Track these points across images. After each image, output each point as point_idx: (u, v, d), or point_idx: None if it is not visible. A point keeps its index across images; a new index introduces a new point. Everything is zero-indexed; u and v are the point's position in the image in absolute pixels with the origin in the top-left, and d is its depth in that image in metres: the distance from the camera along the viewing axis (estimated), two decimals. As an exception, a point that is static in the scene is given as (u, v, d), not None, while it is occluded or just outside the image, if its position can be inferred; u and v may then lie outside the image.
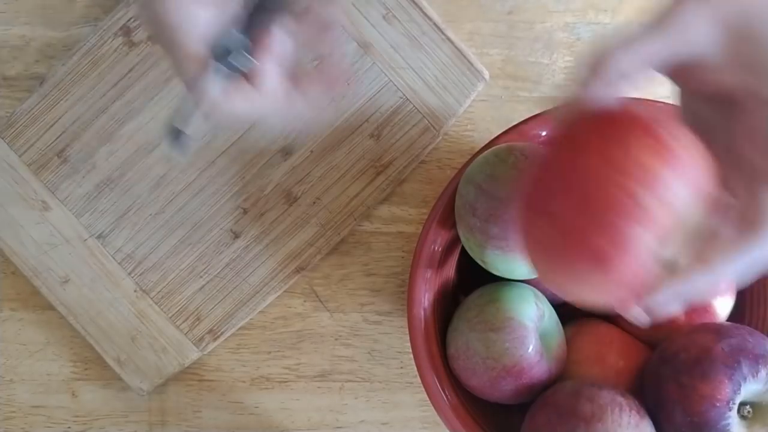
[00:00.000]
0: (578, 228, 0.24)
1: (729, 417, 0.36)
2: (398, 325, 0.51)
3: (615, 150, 0.24)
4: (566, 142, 0.25)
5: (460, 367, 0.42)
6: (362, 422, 0.51)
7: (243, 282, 0.49)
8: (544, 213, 0.25)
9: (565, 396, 0.38)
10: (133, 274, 0.49)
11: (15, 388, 0.51)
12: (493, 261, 0.38)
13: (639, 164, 0.23)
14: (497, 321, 0.40)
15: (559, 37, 0.51)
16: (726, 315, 0.43)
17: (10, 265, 0.50)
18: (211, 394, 0.51)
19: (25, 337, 0.51)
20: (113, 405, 0.51)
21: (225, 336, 0.50)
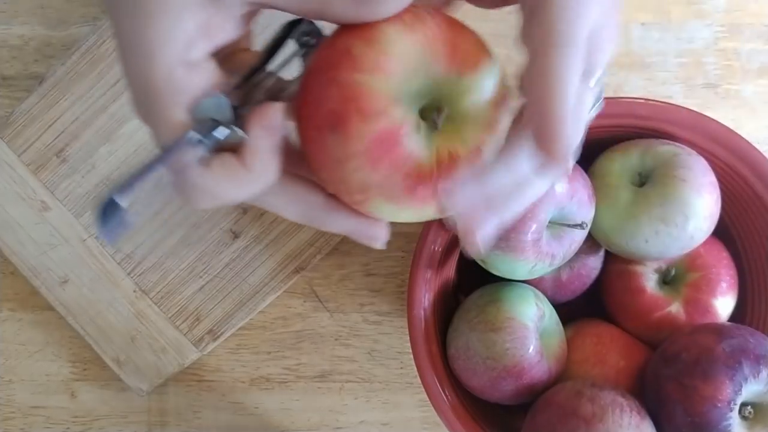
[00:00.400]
0: (318, 99, 0.24)
1: (730, 417, 0.36)
2: (398, 325, 0.51)
3: (352, 31, 0.24)
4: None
5: (460, 368, 0.41)
6: (362, 423, 0.51)
7: (243, 282, 0.49)
8: (305, 106, 0.25)
9: (565, 396, 0.38)
10: (132, 274, 0.49)
11: (14, 389, 0.51)
12: (493, 261, 0.38)
13: (353, 31, 0.24)
14: (498, 321, 0.40)
15: (559, 36, 0.51)
16: (727, 315, 0.43)
17: (9, 265, 0.49)
18: (211, 395, 0.51)
19: (24, 338, 0.51)
20: (112, 405, 0.51)
21: (225, 336, 0.50)
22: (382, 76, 0.23)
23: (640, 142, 0.41)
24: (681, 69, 0.51)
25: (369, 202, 0.25)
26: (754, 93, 0.51)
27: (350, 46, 0.24)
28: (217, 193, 0.24)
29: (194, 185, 0.24)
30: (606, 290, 0.45)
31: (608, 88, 0.51)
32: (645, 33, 0.51)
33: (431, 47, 0.24)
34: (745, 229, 0.44)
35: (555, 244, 0.37)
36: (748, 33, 0.51)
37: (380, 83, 0.23)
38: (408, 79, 0.24)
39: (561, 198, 0.36)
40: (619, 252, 0.41)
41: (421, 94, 0.24)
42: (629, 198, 0.40)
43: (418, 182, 0.24)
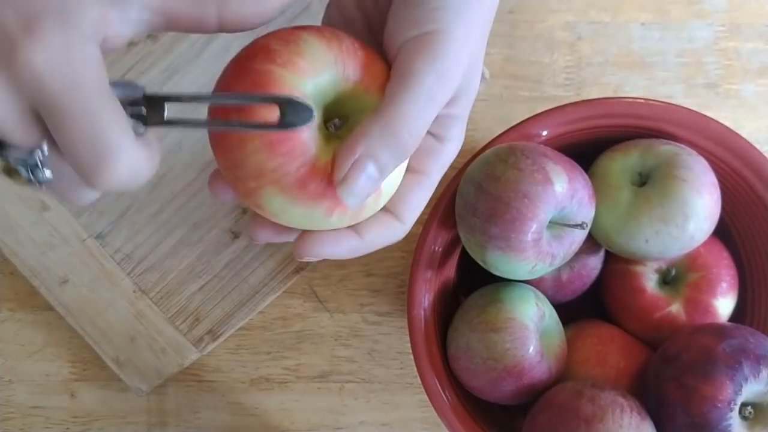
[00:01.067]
0: (230, 84, 0.26)
1: (730, 418, 0.36)
2: (398, 325, 0.51)
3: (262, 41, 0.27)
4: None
5: (460, 368, 0.41)
6: (362, 423, 0.51)
7: (242, 282, 0.49)
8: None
9: (565, 397, 0.38)
10: (132, 274, 0.49)
11: (14, 389, 0.51)
12: (493, 261, 0.38)
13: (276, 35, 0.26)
14: (498, 321, 0.39)
15: (560, 36, 0.51)
16: (727, 315, 0.43)
17: (8, 265, 0.49)
18: (211, 395, 0.51)
19: (23, 338, 0.51)
20: (112, 406, 0.51)
21: (224, 336, 0.49)
22: (293, 72, 0.25)
23: (640, 142, 0.41)
24: (681, 69, 0.51)
25: (262, 191, 0.26)
26: (755, 93, 0.51)
27: (269, 43, 0.26)
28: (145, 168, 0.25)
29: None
30: (606, 290, 0.45)
31: (608, 88, 0.51)
32: (645, 33, 0.51)
33: (344, 60, 0.26)
34: (745, 229, 0.44)
35: (555, 244, 0.37)
36: (748, 33, 0.51)
37: (291, 77, 0.25)
38: (317, 81, 0.25)
39: (561, 198, 0.36)
40: (620, 252, 0.41)
41: (327, 98, 0.26)
42: (629, 198, 0.39)
43: (311, 176, 0.25)
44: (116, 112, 0.23)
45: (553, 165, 0.37)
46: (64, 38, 0.22)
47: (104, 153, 0.23)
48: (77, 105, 0.22)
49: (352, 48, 0.26)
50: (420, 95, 0.25)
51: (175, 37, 0.48)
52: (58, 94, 0.22)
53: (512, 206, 0.36)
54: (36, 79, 0.22)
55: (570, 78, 0.51)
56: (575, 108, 0.41)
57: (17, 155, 0.23)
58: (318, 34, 0.26)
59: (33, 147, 0.23)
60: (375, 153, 0.25)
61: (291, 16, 0.48)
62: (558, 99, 0.50)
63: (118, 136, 0.23)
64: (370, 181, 0.26)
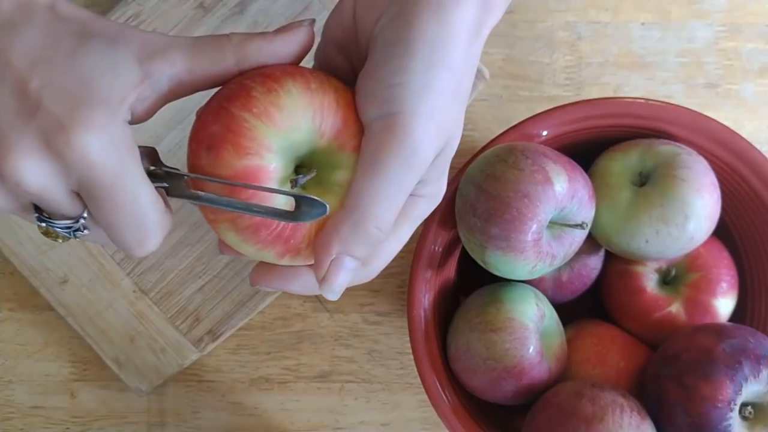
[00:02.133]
0: (207, 120, 0.26)
1: (730, 418, 0.36)
2: (398, 325, 0.51)
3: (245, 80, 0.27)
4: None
5: (460, 368, 0.41)
6: (362, 423, 0.51)
7: (242, 282, 0.49)
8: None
9: (565, 397, 0.38)
10: (132, 274, 0.49)
11: (13, 389, 0.51)
12: (493, 261, 0.38)
13: (264, 75, 0.26)
14: (498, 321, 0.39)
15: (560, 36, 0.51)
16: (727, 315, 0.43)
17: (8, 265, 0.49)
18: (210, 395, 0.51)
19: (23, 338, 0.51)
20: (112, 406, 0.51)
21: (224, 336, 0.49)
22: (267, 124, 0.25)
23: (640, 142, 0.41)
24: (681, 69, 0.51)
25: (218, 225, 0.27)
26: (755, 93, 0.51)
27: (251, 87, 0.26)
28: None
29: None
30: (606, 290, 0.45)
31: (608, 88, 0.51)
32: (645, 33, 0.51)
33: (322, 116, 0.26)
34: (745, 229, 0.44)
35: (555, 244, 0.37)
36: (748, 33, 0.51)
37: (263, 130, 0.25)
38: (289, 135, 0.26)
39: (561, 198, 0.36)
40: (620, 252, 0.41)
41: (298, 151, 0.27)
42: (630, 198, 0.39)
43: (264, 226, 0.26)
44: (153, 195, 0.25)
45: (553, 165, 0.37)
46: (111, 125, 0.24)
47: (144, 235, 0.25)
48: (122, 192, 0.24)
49: (334, 105, 0.26)
50: (386, 189, 0.25)
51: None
52: (107, 180, 0.24)
53: (512, 206, 0.36)
54: (87, 164, 0.23)
55: (570, 78, 0.51)
56: (575, 108, 0.41)
57: (62, 224, 0.26)
58: (303, 84, 0.26)
59: (77, 216, 0.25)
60: (349, 249, 0.26)
61: (291, 16, 0.48)
62: (558, 99, 0.50)
63: (155, 220, 0.25)
64: (348, 273, 0.26)
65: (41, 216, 0.25)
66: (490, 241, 0.37)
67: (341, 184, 0.27)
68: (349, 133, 0.26)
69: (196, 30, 0.48)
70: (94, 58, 0.24)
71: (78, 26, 0.25)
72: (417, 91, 0.25)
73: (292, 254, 0.27)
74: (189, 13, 0.48)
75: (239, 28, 0.48)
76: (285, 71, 0.27)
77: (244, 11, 0.49)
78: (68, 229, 0.26)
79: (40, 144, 0.23)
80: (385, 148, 0.25)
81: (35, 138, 0.23)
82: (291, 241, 0.27)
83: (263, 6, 0.49)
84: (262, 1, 0.49)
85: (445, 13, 0.25)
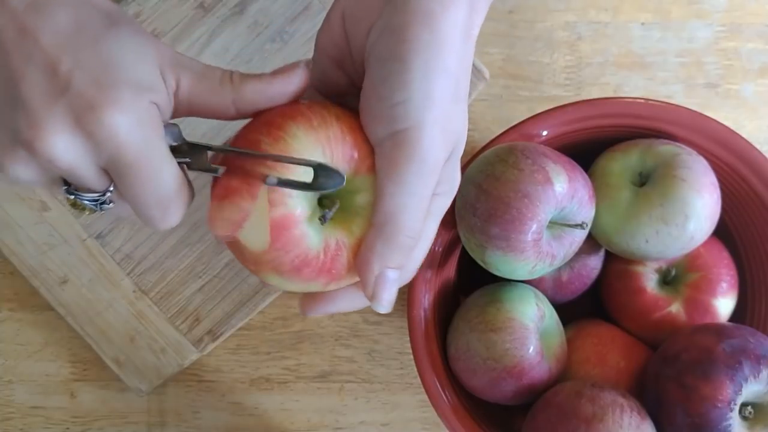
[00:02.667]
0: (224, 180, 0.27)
1: (730, 418, 0.36)
2: (398, 325, 0.51)
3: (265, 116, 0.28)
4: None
5: (460, 368, 0.41)
6: (362, 423, 0.51)
7: (242, 282, 0.49)
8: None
9: (565, 397, 0.38)
10: (132, 274, 0.49)
11: (13, 389, 0.51)
12: (493, 261, 0.38)
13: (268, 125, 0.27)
14: (498, 321, 0.39)
15: (559, 36, 0.51)
16: (727, 315, 0.43)
17: (8, 265, 0.49)
18: (210, 395, 0.51)
19: (23, 338, 0.51)
20: (112, 406, 0.51)
21: (224, 336, 0.49)
22: (283, 173, 0.26)
23: (640, 142, 0.41)
24: (681, 69, 0.51)
25: (261, 273, 0.28)
26: (755, 93, 0.51)
27: (259, 140, 0.27)
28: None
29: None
30: (606, 290, 0.45)
31: (608, 88, 0.51)
32: (645, 33, 0.51)
33: (331, 148, 0.27)
34: (745, 229, 0.44)
35: (555, 244, 0.37)
36: (748, 33, 0.51)
37: (284, 173, 0.26)
38: (307, 175, 0.26)
39: (561, 198, 0.36)
40: (620, 252, 0.41)
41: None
42: (630, 198, 0.39)
43: (305, 265, 0.27)
44: (176, 170, 0.26)
45: (553, 165, 0.37)
46: (138, 104, 0.24)
47: (167, 208, 0.26)
48: (147, 168, 0.25)
49: (339, 134, 0.27)
50: (408, 200, 0.27)
51: (176, 37, 0.48)
52: (134, 157, 0.25)
53: (512, 206, 0.36)
54: (116, 142, 0.24)
55: (570, 78, 0.51)
56: (575, 108, 0.41)
57: (90, 196, 0.26)
58: (306, 124, 0.27)
59: (104, 190, 0.26)
60: (388, 262, 0.27)
61: (291, 17, 0.48)
62: (558, 99, 0.50)
63: (178, 193, 0.26)
64: (394, 283, 0.28)
65: (69, 189, 0.26)
66: (490, 241, 0.37)
67: (364, 206, 0.28)
68: (361, 157, 0.27)
69: (196, 30, 0.48)
70: (121, 41, 0.25)
71: (108, 12, 0.26)
72: (419, 105, 0.26)
73: (336, 281, 0.28)
74: (189, 13, 0.48)
75: (239, 28, 0.48)
76: (285, 115, 0.27)
77: (244, 11, 0.49)
78: (95, 202, 0.27)
79: (71, 122, 0.24)
80: (399, 164, 0.26)
81: (66, 116, 0.24)
82: (333, 271, 0.28)
83: (263, 6, 0.49)
84: (262, 1, 0.49)
85: (435, 20, 0.26)
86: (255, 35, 0.49)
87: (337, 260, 0.28)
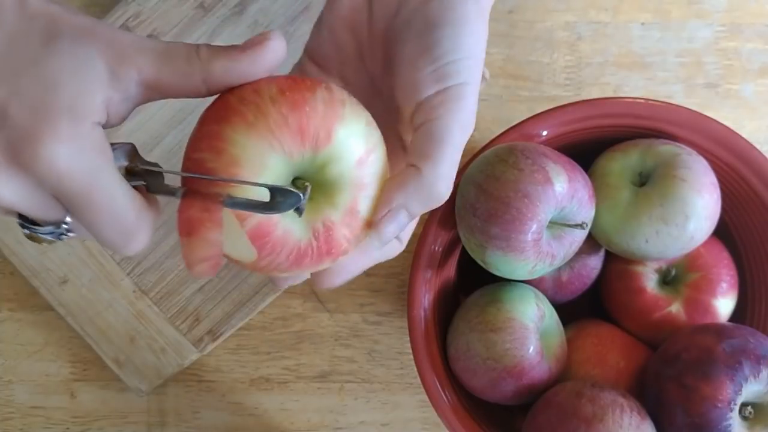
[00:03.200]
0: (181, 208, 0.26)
1: (730, 418, 0.36)
2: (398, 325, 0.51)
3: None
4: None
5: (460, 368, 0.41)
6: (362, 423, 0.51)
7: (242, 282, 0.49)
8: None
9: (565, 397, 0.38)
10: (132, 274, 0.49)
11: (13, 389, 0.51)
12: (493, 261, 0.38)
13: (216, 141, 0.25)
14: (498, 321, 0.39)
15: (559, 36, 0.51)
16: (727, 315, 0.43)
17: (8, 265, 0.49)
18: (210, 395, 0.51)
19: (23, 338, 0.51)
20: (112, 406, 0.51)
21: (224, 336, 0.49)
22: (238, 188, 0.25)
23: (640, 142, 0.41)
24: (681, 69, 0.51)
25: (267, 272, 0.27)
26: (755, 93, 0.51)
27: (203, 160, 0.25)
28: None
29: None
30: (606, 290, 0.45)
31: (608, 88, 0.51)
32: (645, 33, 0.51)
33: (278, 140, 0.25)
34: (745, 229, 0.44)
35: (555, 244, 0.37)
36: (748, 32, 0.51)
37: (241, 191, 0.25)
38: (265, 174, 0.25)
39: (561, 198, 0.36)
40: (620, 252, 0.41)
41: (283, 179, 0.25)
42: (630, 198, 0.39)
43: (301, 257, 0.26)
44: (129, 195, 0.25)
45: (553, 165, 0.37)
46: (78, 131, 0.23)
47: (128, 235, 0.25)
48: (98, 197, 0.23)
49: (281, 119, 0.25)
50: (452, 153, 0.27)
51: (176, 37, 0.48)
52: (80, 188, 0.23)
53: (512, 206, 0.36)
54: (57, 175, 0.23)
55: (570, 78, 0.51)
56: (575, 108, 0.41)
57: (45, 230, 0.25)
58: (242, 122, 0.25)
59: (58, 221, 0.25)
60: (409, 205, 0.27)
61: (291, 16, 0.48)
62: (558, 99, 0.50)
63: (135, 219, 0.25)
64: (399, 227, 0.27)
65: (23, 223, 0.25)
66: (490, 241, 0.37)
67: (339, 175, 0.26)
68: (314, 128, 0.25)
69: (196, 30, 0.48)
70: (60, 60, 0.23)
71: (46, 24, 0.24)
72: (470, 65, 0.28)
73: (342, 255, 0.28)
74: (189, 13, 0.48)
75: (239, 28, 0.48)
76: (220, 119, 0.25)
77: (244, 11, 0.49)
78: (51, 234, 0.25)
79: (7, 158, 0.22)
80: (450, 116, 0.27)
81: (2, 152, 0.22)
82: (332, 250, 0.27)
83: (263, 6, 0.49)
84: (262, 1, 0.49)
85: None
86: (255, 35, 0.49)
87: (332, 239, 0.27)
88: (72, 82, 0.23)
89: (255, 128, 0.25)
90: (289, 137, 0.25)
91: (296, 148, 0.25)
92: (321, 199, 0.26)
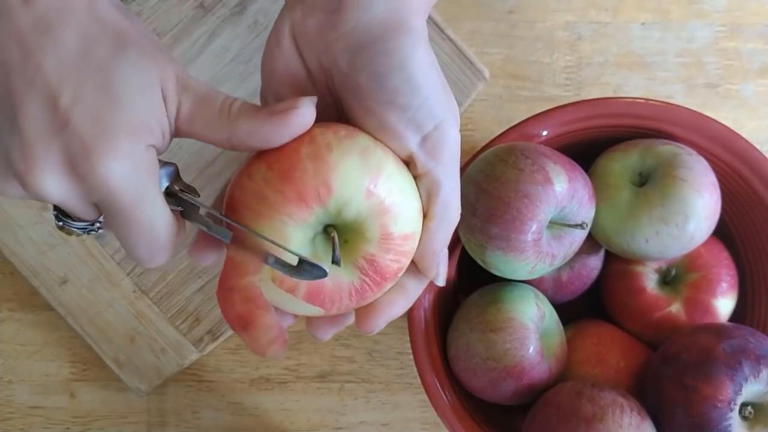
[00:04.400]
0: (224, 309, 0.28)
1: (730, 418, 0.36)
2: (398, 325, 0.51)
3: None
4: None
5: (460, 368, 0.41)
6: (362, 423, 0.51)
7: (242, 282, 0.49)
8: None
9: (565, 397, 0.38)
10: (131, 274, 0.49)
11: (13, 389, 0.51)
12: (493, 261, 0.38)
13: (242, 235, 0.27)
14: (498, 322, 0.39)
15: (559, 36, 0.51)
16: (727, 315, 0.43)
17: (8, 265, 0.49)
18: (211, 395, 0.51)
19: (23, 338, 0.51)
20: (112, 406, 0.51)
21: (224, 336, 0.49)
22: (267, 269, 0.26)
23: (640, 142, 0.41)
24: (681, 69, 0.51)
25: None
26: (755, 93, 0.51)
27: (231, 256, 0.27)
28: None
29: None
30: (606, 290, 0.45)
31: (608, 88, 0.51)
32: (645, 33, 0.51)
33: (285, 213, 0.26)
34: (745, 229, 0.44)
35: (555, 244, 0.37)
36: (748, 33, 0.51)
37: (269, 274, 0.26)
38: (291, 245, 0.26)
39: (561, 198, 0.36)
40: (620, 252, 0.41)
41: (311, 238, 0.27)
42: (630, 198, 0.39)
43: (362, 294, 0.28)
44: (167, 218, 0.26)
45: (553, 165, 0.37)
46: (135, 150, 0.24)
47: (156, 253, 0.26)
48: (139, 217, 0.25)
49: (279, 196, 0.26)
50: (455, 184, 0.28)
51: (176, 37, 0.48)
52: (124, 206, 0.24)
53: (512, 206, 0.36)
54: (107, 190, 0.24)
55: (570, 78, 0.51)
56: (575, 108, 0.41)
57: (79, 224, 0.26)
58: (252, 215, 0.26)
59: (93, 221, 0.26)
60: (447, 243, 0.29)
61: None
62: (558, 99, 0.50)
63: (167, 241, 0.26)
64: (444, 260, 0.30)
65: (59, 215, 0.26)
66: (490, 241, 0.37)
67: (360, 209, 0.26)
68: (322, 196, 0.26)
69: (196, 30, 0.48)
70: (126, 73, 0.24)
71: (116, 32, 0.24)
72: (436, 101, 0.27)
73: (389, 281, 0.28)
74: (189, 13, 0.48)
75: (239, 28, 0.48)
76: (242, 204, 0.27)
77: (244, 11, 0.49)
78: (83, 229, 0.26)
79: (64, 163, 0.23)
80: (444, 158, 0.28)
81: (60, 156, 0.23)
82: (377, 278, 0.28)
83: (263, 6, 0.49)
84: (262, 1, 0.49)
85: (403, 20, 0.27)
86: (255, 35, 0.49)
87: (380, 267, 0.27)
88: (137, 100, 0.24)
89: (262, 216, 0.26)
90: (294, 208, 0.26)
91: (305, 212, 0.26)
92: (353, 237, 0.27)
